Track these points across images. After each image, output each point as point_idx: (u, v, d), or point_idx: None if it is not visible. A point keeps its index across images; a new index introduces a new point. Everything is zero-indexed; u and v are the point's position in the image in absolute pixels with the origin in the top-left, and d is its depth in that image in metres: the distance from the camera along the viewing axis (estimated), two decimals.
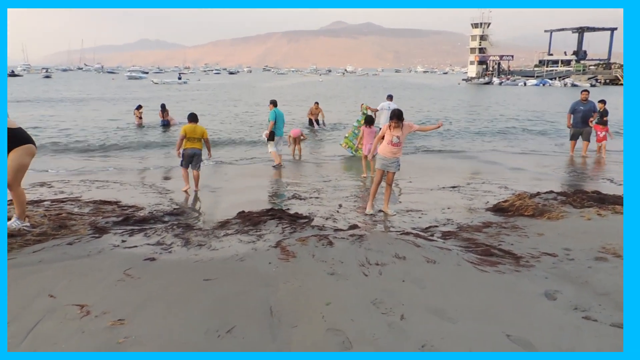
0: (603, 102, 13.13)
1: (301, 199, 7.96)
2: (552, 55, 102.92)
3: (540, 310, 3.75)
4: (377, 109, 13.67)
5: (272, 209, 6.93)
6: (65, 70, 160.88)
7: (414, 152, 14.02)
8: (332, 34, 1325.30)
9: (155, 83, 69.19)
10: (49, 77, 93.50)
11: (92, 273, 4.32)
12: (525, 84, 79.88)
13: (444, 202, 7.73)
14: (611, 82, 77.35)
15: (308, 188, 8.91)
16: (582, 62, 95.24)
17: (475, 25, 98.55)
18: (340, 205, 7.50)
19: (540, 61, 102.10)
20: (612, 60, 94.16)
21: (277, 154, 11.26)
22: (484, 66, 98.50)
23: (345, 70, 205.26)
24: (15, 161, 5.25)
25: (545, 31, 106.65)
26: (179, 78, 79.25)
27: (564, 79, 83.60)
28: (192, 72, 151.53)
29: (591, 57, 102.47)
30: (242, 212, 6.77)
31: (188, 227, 6.10)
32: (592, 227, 5.89)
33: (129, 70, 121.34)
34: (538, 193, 7.67)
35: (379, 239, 5.50)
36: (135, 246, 5.21)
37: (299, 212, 6.83)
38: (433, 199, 8.05)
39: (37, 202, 6.95)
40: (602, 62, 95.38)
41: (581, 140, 12.86)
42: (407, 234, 5.80)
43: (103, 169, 11.15)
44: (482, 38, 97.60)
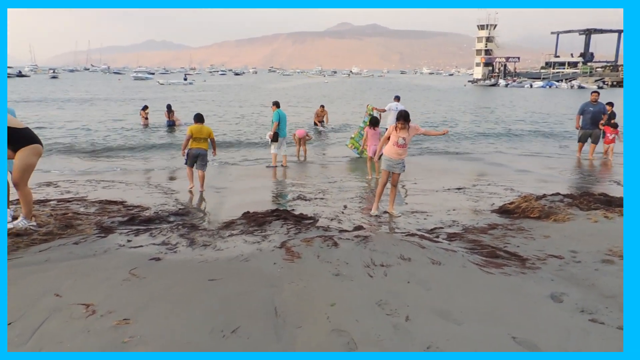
0: (611, 104, 13.04)
1: (306, 200, 7.96)
2: (558, 57, 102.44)
3: (546, 313, 3.73)
4: (384, 109, 13.68)
5: (277, 210, 6.93)
6: (72, 70, 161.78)
7: (420, 154, 13.99)
8: (338, 35, 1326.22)
9: (161, 84, 69.42)
10: (56, 77, 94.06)
11: (97, 272, 4.33)
12: (531, 85, 79.60)
13: (450, 204, 7.70)
14: (618, 84, 76.88)
15: (313, 189, 8.91)
16: (589, 64, 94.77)
17: (481, 27, 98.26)
18: (345, 206, 7.49)
19: (547, 63, 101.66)
20: (620, 62, 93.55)
21: (276, 156, 11.47)
22: (490, 68, 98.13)
23: (351, 71, 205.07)
24: (22, 161, 5.28)
25: (552, 33, 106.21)
26: (185, 79, 79.46)
27: (570, 81, 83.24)
28: (197, 73, 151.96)
29: (598, 59, 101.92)
30: (247, 212, 6.77)
31: (193, 227, 6.11)
32: (599, 229, 5.86)
33: (135, 71, 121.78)
34: (544, 195, 7.64)
35: (384, 240, 5.49)
36: (141, 246, 5.22)
37: (304, 213, 6.84)
38: (438, 200, 8.03)
39: (43, 202, 7.00)
40: (609, 64, 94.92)
41: (589, 143, 12.78)
42: (413, 235, 5.79)
43: (109, 169, 11.20)
44: (488, 39, 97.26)
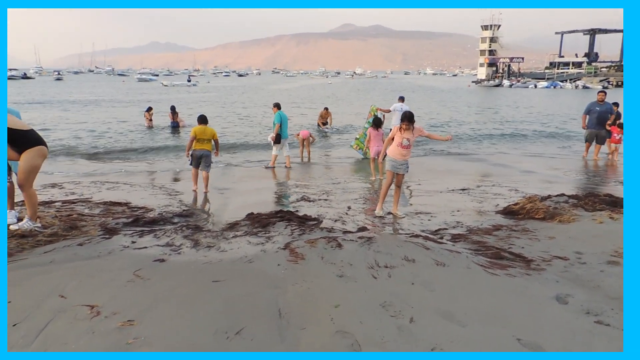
0: (616, 104, 12.98)
1: (310, 201, 7.95)
2: (563, 57, 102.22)
3: (551, 314, 3.71)
4: (389, 109, 13.70)
5: (280, 211, 6.94)
6: (76, 72, 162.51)
7: (424, 155, 13.97)
8: (341, 36, 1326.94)
9: (165, 85, 69.62)
10: (61, 79, 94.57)
11: (102, 274, 4.34)
12: (535, 86, 79.42)
13: (454, 205, 7.68)
14: (623, 85, 76.60)
15: (317, 190, 8.90)
16: (593, 64, 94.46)
17: (485, 27, 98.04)
18: (349, 207, 7.48)
19: (551, 63, 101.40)
20: (623, 62, 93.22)
21: (276, 158, 11.65)
22: (494, 68, 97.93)
23: (354, 72, 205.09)
24: (27, 162, 5.30)
25: (556, 33, 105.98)
26: (189, 80, 79.62)
27: (575, 81, 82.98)
28: (201, 75, 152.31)
29: (603, 59, 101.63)
30: (251, 213, 6.78)
31: (197, 228, 6.12)
32: (604, 230, 5.82)
33: (139, 73, 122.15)
34: (549, 196, 7.62)
35: (388, 241, 5.47)
36: (145, 247, 5.23)
37: (307, 214, 6.83)
38: (442, 201, 8.01)
39: (48, 203, 7.03)
40: (614, 64, 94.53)
41: (594, 143, 12.72)
42: (417, 236, 5.77)
43: (113, 170, 11.23)
44: (492, 40, 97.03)
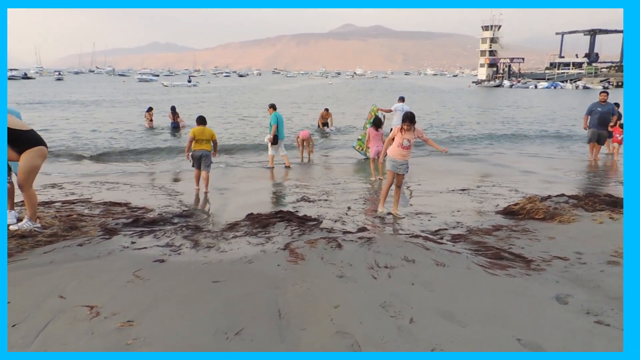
0: (616, 105, 12.98)
1: (310, 202, 7.95)
2: (563, 57, 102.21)
3: (551, 315, 3.71)
4: (390, 109, 13.72)
5: (280, 211, 6.93)
6: (77, 73, 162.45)
7: (424, 155, 13.96)
8: (342, 36, 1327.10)
9: (165, 86, 69.64)
10: (61, 79, 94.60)
11: (101, 274, 4.33)
12: (536, 86, 79.41)
13: (454, 205, 7.68)
14: (623, 85, 76.55)
15: (317, 190, 8.90)
16: (594, 64, 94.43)
17: (485, 28, 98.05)
18: (349, 208, 7.48)
19: (552, 64, 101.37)
20: (623, 62, 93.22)
21: (273, 158, 11.72)
22: (495, 69, 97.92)
23: (355, 72, 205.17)
24: (27, 163, 5.29)
25: (557, 33, 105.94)
26: (189, 81, 79.65)
27: (575, 81, 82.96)
28: (202, 75, 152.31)
29: (603, 59, 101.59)
30: (251, 214, 6.78)
31: (197, 229, 6.12)
32: (604, 230, 5.82)
33: (140, 73, 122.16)
34: (549, 196, 7.61)
35: (388, 241, 5.47)
36: (145, 248, 5.23)
37: (307, 215, 6.82)
38: (442, 201, 8.01)
39: (48, 204, 7.03)
40: (614, 65, 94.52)
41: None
42: (417, 236, 5.77)
43: (113, 170, 11.23)
44: (493, 40, 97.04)
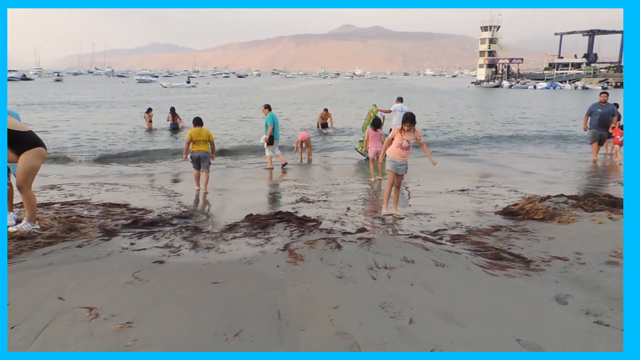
0: (616, 105, 12.99)
1: (309, 202, 7.95)
2: (562, 58, 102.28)
3: (550, 315, 3.70)
4: (389, 110, 13.76)
5: (280, 212, 6.93)
6: (76, 74, 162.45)
7: (423, 155, 13.92)
8: (341, 37, 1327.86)
9: (164, 87, 69.64)
10: (60, 80, 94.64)
11: (101, 275, 4.33)
12: (535, 87, 79.47)
13: (453, 206, 7.68)
14: (622, 85, 76.65)
15: (316, 191, 8.90)
16: (592, 65, 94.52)
17: (484, 28, 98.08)
18: (349, 209, 7.47)
19: (550, 64, 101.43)
20: (623, 63, 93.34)
21: (271, 159, 11.78)
22: (494, 69, 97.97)
23: (354, 73, 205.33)
24: (26, 164, 5.29)
25: (556, 34, 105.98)
26: (188, 82, 79.62)
27: (574, 82, 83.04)
28: (201, 76, 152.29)
29: (602, 59, 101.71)
30: (251, 215, 6.77)
31: (196, 230, 6.11)
32: (604, 230, 5.82)
33: (139, 74, 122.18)
34: (548, 196, 7.61)
35: (387, 242, 5.47)
36: (144, 249, 5.22)
37: (307, 215, 6.82)
38: (442, 202, 8.01)
39: (47, 205, 7.03)
40: (613, 65, 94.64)
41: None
42: (416, 237, 5.77)
43: (112, 172, 11.22)
44: (492, 41, 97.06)
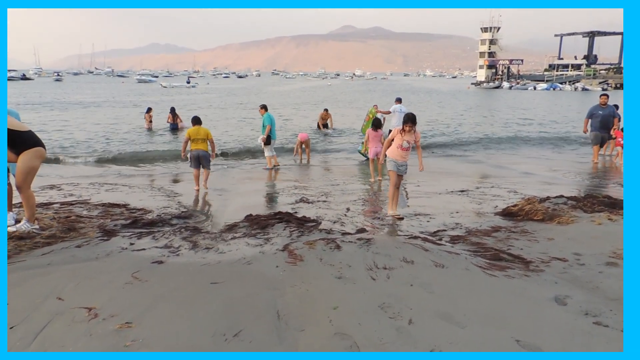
0: (615, 107, 13.00)
1: (309, 203, 7.94)
2: (562, 59, 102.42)
3: (550, 316, 3.70)
4: (389, 111, 13.75)
5: (279, 213, 6.92)
6: (76, 74, 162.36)
7: (423, 156, 13.93)
8: (341, 37, 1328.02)
9: (164, 87, 69.65)
10: (60, 80, 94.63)
11: (100, 276, 4.33)
12: (535, 88, 79.54)
13: (453, 206, 7.68)
14: (622, 87, 76.70)
15: (316, 192, 8.90)
16: (592, 66, 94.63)
17: (484, 30, 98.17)
18: (348, 209, 7.47)
19: (550, 65, 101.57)
20: (623, 64, 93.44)
21: (271, 159, 11.81)
22: (494, 70, 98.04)
23: (354, 74, 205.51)
24: (25, 164, 5.28)
25: (556, 35, 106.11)
26: (188, 82, 79.62)
27: (574, 83, 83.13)
28: (201, 76, 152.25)
29: (602, 61, 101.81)
30: (250, 215, 6.77)
31: (196, 230, 6.11)
32: (603, 231, 5.82)
33: (139, 74, 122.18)
34: (548, 197, 7.61)
35: (386, 242, 5.47)
36: (143, 249, 5.22)
37: (306, 216, 6.82)
38: (441, 203, 8.00)
39: (46, 205, 7.02)
40: (613, 67, 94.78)
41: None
42: (415, 237, 5.77)
43: (112, 172, 11.22)
44: (492, 42, 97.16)
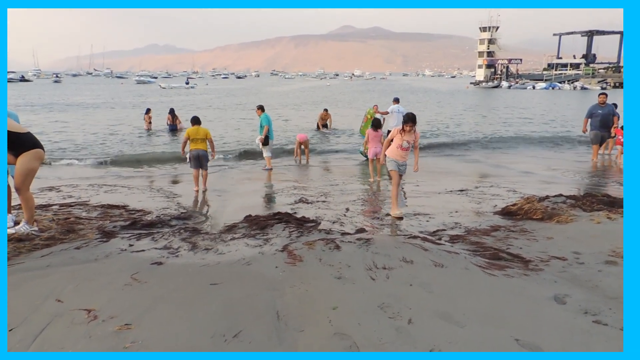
0: (614, 105, 13.00)
1: (308, 203, 7.94)
2: (561, 58, 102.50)
3: (549, 315, 3.70)
4: (387, 111, 13.73)
5: (279, 213, 6.92)
6: (75, 75, 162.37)
7: (422, 156, 13.95)
8: (341, 38, 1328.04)
9: (163, 88, 69.68)
10: (59, 82, 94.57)
11: (99, 277, 4.32)
12: (534, 87, 79.63)
13: (452, 206, 7.67)
14: (621, 86, 76.72)
15: (315, 192, 8.89)
16: (591, 65, 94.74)
17: (483, 29, 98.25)
18: (348, 209, 7.47)
19: (549, 64, 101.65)
20: (622, 63, 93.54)
21: (270, 159, 11.79)
22: (493, 70, 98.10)
23: (353, 74, 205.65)
24: (23, 165, 5.28)
25: (554, 35, 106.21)
26: (187, 83, 79.67)
27: (573, 82, 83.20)
28: (200, 77, 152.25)
29: (600, 60, 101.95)
30: (249, 215, 6.77)
31: (195, 231, 6.11)
32: (602, 230, 5.82)
33: (138, 75, 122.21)
34: (547, 196, 7.61)
35: (386, 242, 5.47)
36: (143, 250, 5.21)
37: (306, 216, 6.82)
38: (440, 202, 8.00)
39: (45, 207, 7.01)
40: (611, 66, 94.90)
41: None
42: (415, 237, 5.76)
43: (111, 173, 11.21)
44: (491, 42, 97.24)
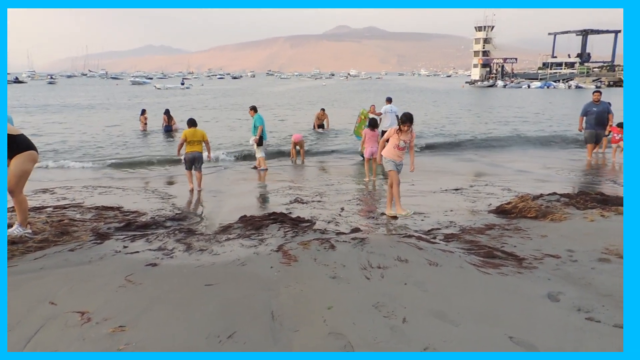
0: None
1: (303, 203, 7.94)
2: (555, 57, 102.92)
3: (543, 312, 3.72)
4: (380, 112, 13.72)
5: (274, 213, 6.91)
6: (69, 76, 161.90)
7: (417, 155, 13.95)
8: (336, 38, 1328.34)
9: (158, 88, 69.53)
10: (54, 83, 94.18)
11: (93, 279, 4.31)
12: (529, 86, 79.96)
13: (447, 205, 7.69)
14: (615, 84, 77.19)
15: (310, 192, 8.90)
16: (586, 64, 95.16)
17: (478, 29, 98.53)
18: (343, 209, 7.48)
19: (544, 64, 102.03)
20: (616, 62, 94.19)
21: (264, 160, 11.83)
22: (488, 69, 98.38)
23: (348, 74, 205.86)
24: (17, 167, 5.26)
25: (549, 34, 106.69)
26: (182, 83, 79.53)
27: (568, 81, 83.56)
28: (195, 77, 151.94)
29: (595, 59, 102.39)
30: (244, 216, 6.76)
31: (190, 232, 6.09)
32: (595, 228, 5.85)
33: (133, 76, 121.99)
34: (541, 195, 7.64)
35: (381, 242, 5.47)
36: (137, 252, 5.20)
37: (301, 216, 6.81)
38: (435, 201, 8.02)
39: (39, 209, 6.99)
40: (606, 65, 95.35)
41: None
42: (410, 236, 5.77)
43: (105, 174, 11.18)
44: (486, 41, 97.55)
